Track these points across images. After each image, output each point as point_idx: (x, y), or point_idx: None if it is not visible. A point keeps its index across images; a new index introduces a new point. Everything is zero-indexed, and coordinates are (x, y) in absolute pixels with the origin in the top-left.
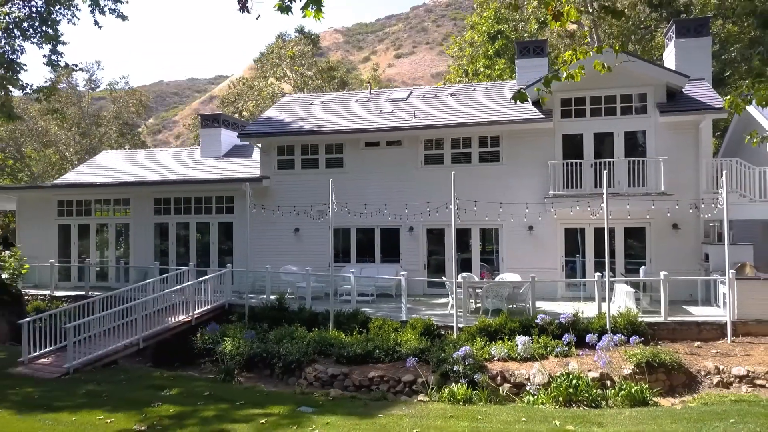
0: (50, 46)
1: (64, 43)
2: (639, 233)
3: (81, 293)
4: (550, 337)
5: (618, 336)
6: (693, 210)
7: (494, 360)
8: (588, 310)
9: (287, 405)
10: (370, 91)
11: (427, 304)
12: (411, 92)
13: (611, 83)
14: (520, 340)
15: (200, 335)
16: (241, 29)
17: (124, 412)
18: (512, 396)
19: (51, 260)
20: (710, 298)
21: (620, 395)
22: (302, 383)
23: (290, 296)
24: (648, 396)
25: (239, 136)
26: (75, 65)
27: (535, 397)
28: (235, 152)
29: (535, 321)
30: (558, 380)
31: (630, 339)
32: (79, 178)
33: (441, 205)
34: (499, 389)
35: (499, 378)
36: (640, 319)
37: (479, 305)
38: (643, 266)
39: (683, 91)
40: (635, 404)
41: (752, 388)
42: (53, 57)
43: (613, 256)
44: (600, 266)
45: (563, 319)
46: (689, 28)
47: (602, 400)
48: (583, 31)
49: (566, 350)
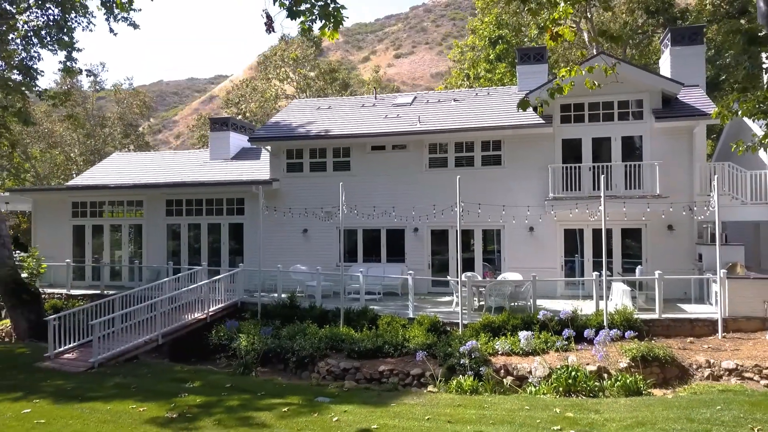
0: (65, 53)
1: (79, 50)
2: (635, 234)
3: (96, 292)
4: (551, 333)
5: (614, 331)
6: (687, 212)
7: (498, 354)
8: (586, 308)
9: (305, 395)
10: (375, 96)
11: (432, 302)
12: (415, 97)
13: (609, 90)
14: (523, 335)
15: (215, 332)
16: (241, 29)
17: (154, 402)
18: (515, 387)
19: (67, 260)
20: (703, 297)
21: (616, 386)
22: (315, 377)
23: (300, 294)
24: (642, 387)
25: (250, 140)
26: (89, 71)
27: (537, 388)
28: (243, 155)
29: (537, 318)
30: (558, 372)
31: (625, 334)
32: (92, 180)
33: (446, 208)
34: (503, 381)
35: (503, 371)
36: (636, 316)
37: (482, 303)
38: (640, 266)
39: (678, 98)
40: (630, 394)
41: (740, 381)
42: (68, 63)
43: (611, 256)
44: (598, 266)
45: (563, 316)
46: (684, 36)
47: (599, 391)
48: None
49: (566, 345)
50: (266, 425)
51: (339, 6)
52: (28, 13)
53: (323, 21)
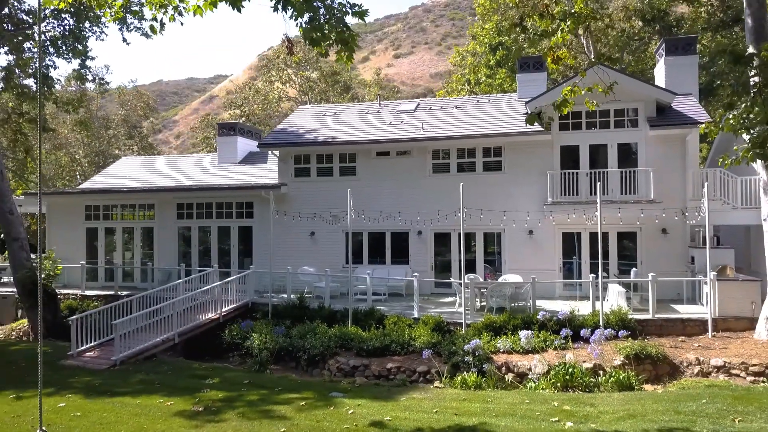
0: (79, 61)
1: (92, 58)
2: (631, 237)
3: (110, 293)
4: (549, 332)
5: (609, 331)
6: (680, 216)
7: (500, 352)
8: (583, 308)
9: (319, 391)
10: (380, 103)
11: (435, 303)
12: (418, 104)
13: (606, 99)
14: (524, 335)
15: (228, 331)
16: (241, 30)
17: (179, 397)
18: (516, 383)
19: (81, 262)
20: (695, 297)
21: (610, 382)
22: (326, 374)
23: (308, 295)
24: (634, 382)
25: (259, 146)
26: (102, 79)
27: (537, 384)
28: (250, 159)
29: (536, 318)
30: (556, 369)
31: (619, 333)
32: (103, 184)
33: (450, 213)
34: (505, 377)
35: (504, 368)
36: (631, 317)
37: (484, 303)
38: (635, 268)
39: (672, 106)
40: (623, 389)
41: (728, 377)
42: (82, 71)
43: (607, 259)
44: (594, 268)
45: (561, 316)
46: (678, 46)
47: (595, 387)
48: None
49: (564, 344)
50: (287, 417)
51: (353, 34)
52: (45, 23)
53: (339, 46)
